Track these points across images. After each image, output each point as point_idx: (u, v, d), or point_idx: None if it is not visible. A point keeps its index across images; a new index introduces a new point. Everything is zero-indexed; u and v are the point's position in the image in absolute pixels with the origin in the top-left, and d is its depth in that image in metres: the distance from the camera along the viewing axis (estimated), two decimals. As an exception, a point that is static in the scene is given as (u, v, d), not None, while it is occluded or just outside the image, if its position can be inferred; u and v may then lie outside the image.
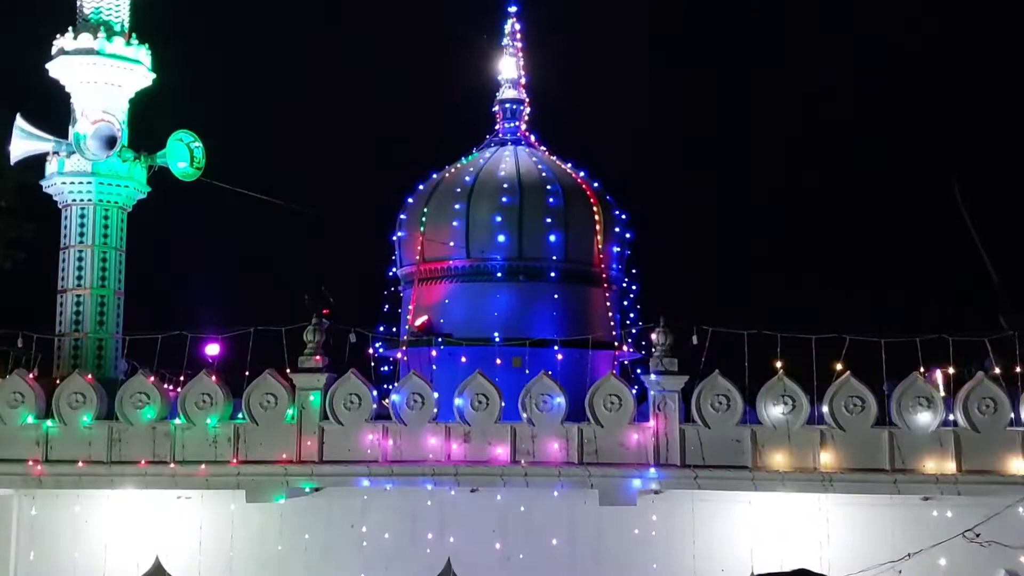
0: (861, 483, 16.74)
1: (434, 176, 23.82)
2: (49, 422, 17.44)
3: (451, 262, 22.56)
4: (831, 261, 32.15)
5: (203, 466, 17.22)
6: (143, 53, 19.80)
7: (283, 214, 22.05)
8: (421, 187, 23.74)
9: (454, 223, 22.54)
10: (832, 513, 17.41)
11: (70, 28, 19.53)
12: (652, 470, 17.00)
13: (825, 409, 16.93)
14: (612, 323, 22.81)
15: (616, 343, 22.55)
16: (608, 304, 22.96)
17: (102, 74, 19.35)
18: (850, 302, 28.43)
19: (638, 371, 20.69)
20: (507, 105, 24.72)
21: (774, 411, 16.94)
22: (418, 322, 22.23)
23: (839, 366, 17.01)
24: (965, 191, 19.70)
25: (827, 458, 16.79)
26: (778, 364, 17.09)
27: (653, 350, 17.53)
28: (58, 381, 17.95)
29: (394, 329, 22.86)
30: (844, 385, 16.88)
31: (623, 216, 23.73)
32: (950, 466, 16.58)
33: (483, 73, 25.11)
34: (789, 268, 31.38)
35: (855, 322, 17.37)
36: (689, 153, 34.43)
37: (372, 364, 19.79)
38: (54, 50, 19.52)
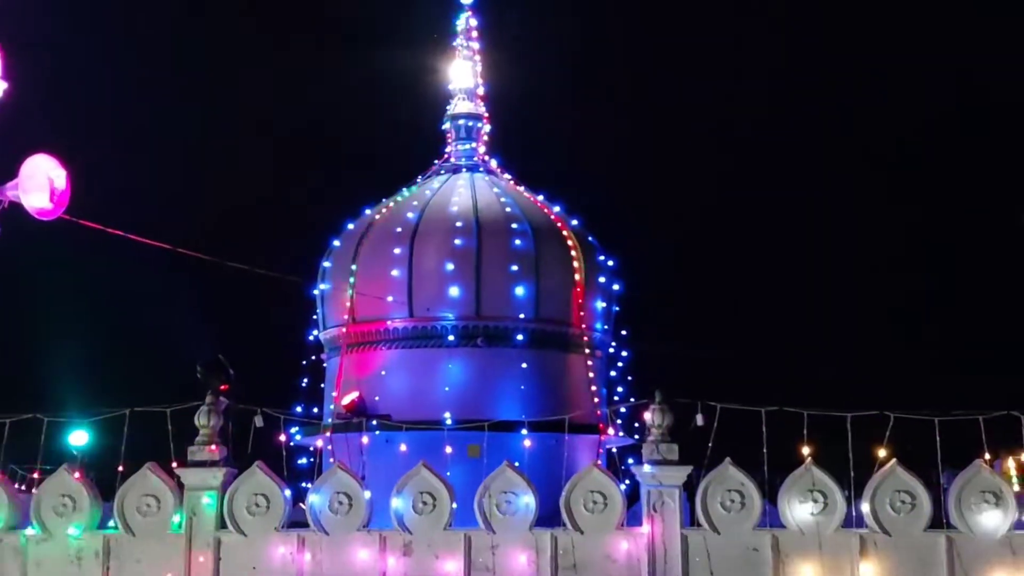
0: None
1: (368, 212, 23.99)
2: None
3: (389, 323, 22.68)
4: (871, 323, 32.68)
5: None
6: (-13, 53, 19.91)
7: (171, 262, 22.08)
8: (351, 226, 23.92)
9: (393, 272, 22.71)
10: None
11: None
12: (647, 588, 17.00)
13: (865, 508, 17.06)
14: (596, 399, 22.96)
15: (601, 425, 22.63)
16: (591, 374, 23.10)
17: (-64, 83, 19.41)
18: (896, 372, 28.80)
19: (629, 461, 20.69)
20: (460, 122, 25.03)
21: (801, 511, 17.04)
22: (346, 400, 22.26)
23: (883, 452, 17.23)
24: None
25: (869, 570, 16.86)
26: (805, 450, 17.24)
27: (647, 433, 17.65)
28: None
29: (315, 410, 22.94)
30: (889, 477, 17.01)
31: (609, 263, 24.01)
32: (1026, 579, 16.71)
33: (431, 82, 25.42)
34: (819, 328, 31.86)
35: (902, 396, 17.60)
36: (691, 183, 34.99)
37: (285, 455, 19.65)
38: None
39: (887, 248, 34.34)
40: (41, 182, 19.55)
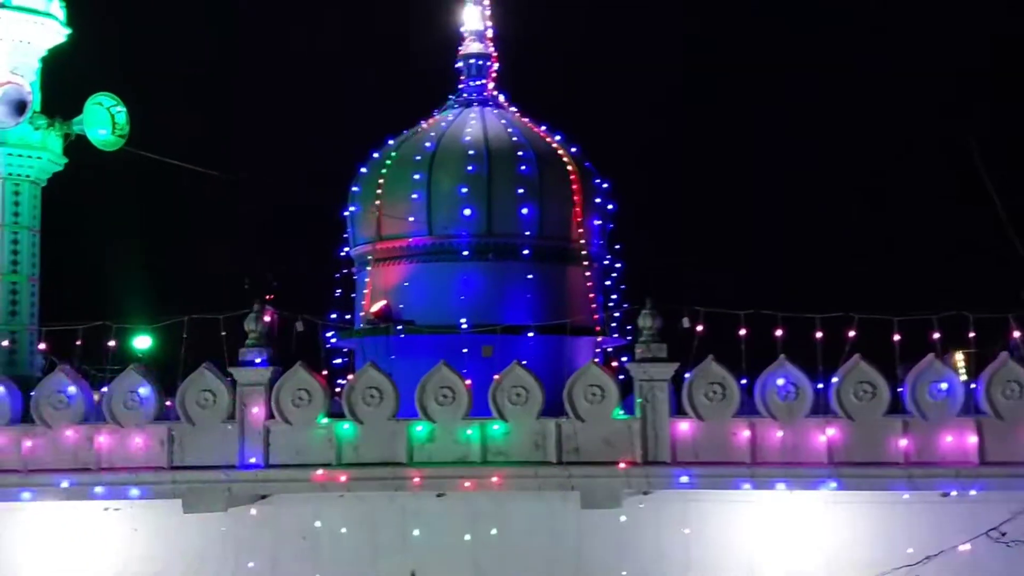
0: (873, 478, 17.09)
1: (390, 142, 23.84)
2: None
3: (411, 240, 22.66)
4: (837, 233, 32.60)
5: (134, 473, 17.40)
6: (55, 5, 19.89)
7: (220, 188, 22.16)
8: (376, 155, 23.77)
9: (414, 196, 22.63)
10: (841, 512, 17.72)
11: (-31, -23, 19.52)
12: (639, 468, 17.27)
13: (832, 397, 17.18)
14: (593, 305, 23.02)
15: (598, 328, 22.78)
16: (589, 284, 23.12)
17: (9, 29, 19.38)
18: (860, 277, 28.83)
19: (623, 359, 20.91)
20: (471, 61, 24.73)
21: (774, 399, 17.19)
22: (375, 308, 22.31)
23: (847, 348, 17.25)
24: (984, 151, 20.14)
25: (834, 451, 17.09)
26: (779, 348, 17.27)
27: (639, 335, 17.74)
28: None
29: (348, 316, 22.97)
30: (853, 369, 17.13)
31: (604, 185, 23.90)
32: (971, 457, 16.92)
33: (444, 25, 25.20)
34: (791, 239, 31.84)
35: (866, 299, 17.70)
36: (678, 110, 34.75)
37: (323, 356, 19.85)
38: (-49, 2, 19.49)
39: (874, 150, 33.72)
40: (104, 117, 19.64)
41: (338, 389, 18.47)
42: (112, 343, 17.88)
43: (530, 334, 21.07)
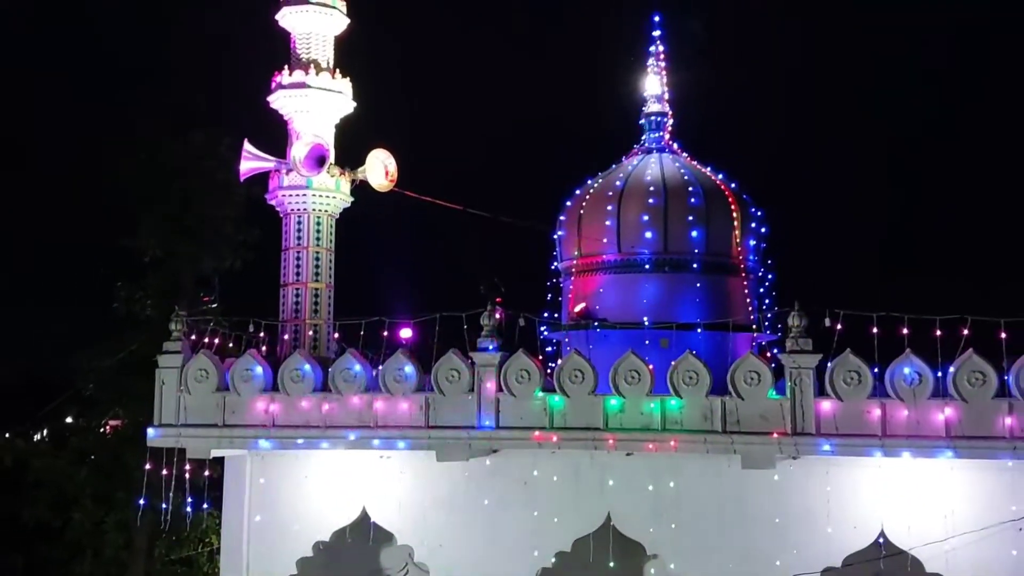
0: (983, 449, 16.62)
1: (588, 182, 24.20)
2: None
3: (604, 256, 22.89)
4: (958, 248, 31.15)
5: (401, 431, 18.36)
6: (345, 84, 21.27)
7: (463, 218, 23.13)
8: (578, 191, 24.16)
9: (607, 222, 22.88)
10: (956, 476, 17.30)
11: (285, 66, 21.18)
12: (789, 438, 17.24)
13: (949, 382, 16.85)
14: (750, 308, 22.84)
15: (754, 326, 22.57)
16: (746, 291, 22.95)
17: (313, 103, 20.81)
18: (975, 287, 27.58)
19: (775, 351, 20.67)
20: (652, 118, 24.85)
21: (902, 385, 16.92)
22: (577, 308, 22.64)
23: (962, 343, 16.84)
24: None
25: (951, 426, 16.72)
26: (905, 343, 16.99)
27: (789, 332, 17.63)
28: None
29: (556, 315, 23.45)
30: (967, 361, 16.75)
31: (759, 213, 23.64)
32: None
33: (631, 89, 25.51)
34: (916, 255, 30.69)
35: (978, 306, 17.20)
36: (819, 147, 34.07)
37: (538, 345, 20.41)
38: (273, 85, 21.21)
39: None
40: (379, 166, 20.95)
41: (550, 370, 18.92)
42: (385, 333, 18.78)
43: (699, 330, 20.99)
